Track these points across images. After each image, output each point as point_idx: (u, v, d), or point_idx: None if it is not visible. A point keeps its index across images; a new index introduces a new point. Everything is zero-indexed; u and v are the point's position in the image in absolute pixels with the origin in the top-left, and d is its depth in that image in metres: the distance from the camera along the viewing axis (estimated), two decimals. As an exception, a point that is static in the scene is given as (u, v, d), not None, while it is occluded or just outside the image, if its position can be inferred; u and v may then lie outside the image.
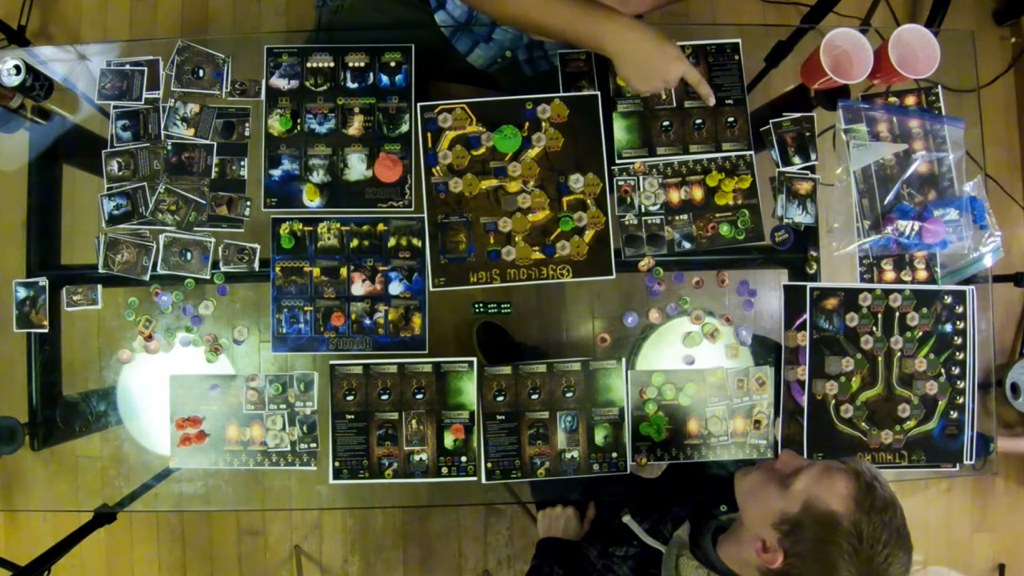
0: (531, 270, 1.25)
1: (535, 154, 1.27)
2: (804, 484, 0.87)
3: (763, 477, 0.93)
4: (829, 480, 0.85)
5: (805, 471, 0.88)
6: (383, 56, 1.29)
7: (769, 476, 0.92)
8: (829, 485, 0.84)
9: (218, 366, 1.26)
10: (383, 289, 1.25)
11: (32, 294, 1.27)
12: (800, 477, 0.88)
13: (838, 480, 0.84)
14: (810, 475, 0.87)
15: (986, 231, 1.29)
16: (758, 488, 0.93)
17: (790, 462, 0.93)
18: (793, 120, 1.30)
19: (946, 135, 1.30)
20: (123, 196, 1.27)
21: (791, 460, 0.93)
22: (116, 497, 1.26)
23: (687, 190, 1.28)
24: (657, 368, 1.25)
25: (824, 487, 0.85)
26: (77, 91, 1.31)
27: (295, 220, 1.25)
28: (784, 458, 0.94)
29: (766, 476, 0.93)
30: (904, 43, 1.22)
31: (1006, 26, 2.23)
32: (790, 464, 0.92)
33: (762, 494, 0.91)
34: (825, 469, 0.87)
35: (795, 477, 0.88)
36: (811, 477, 0.87)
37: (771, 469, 0.94)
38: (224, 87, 1.28)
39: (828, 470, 0.86)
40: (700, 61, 1.31)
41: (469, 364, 1.23)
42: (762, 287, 1.28)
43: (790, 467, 0.91)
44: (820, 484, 0.85)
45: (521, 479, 1.24)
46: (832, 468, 0.87)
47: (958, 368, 1.27)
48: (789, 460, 0.93)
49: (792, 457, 0.94)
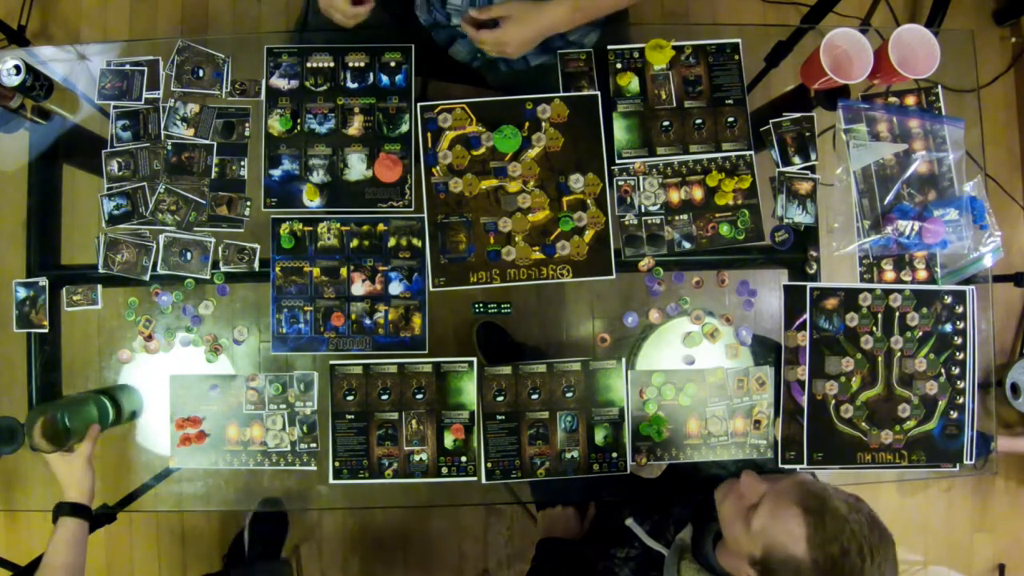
0: (531, 270, 1.25)
1: (535, 154, 1.27)
2: (759, 525, 0.85)
3: (731, 509, 0.91)
4: (781, 523, 0.83)
5: (759, 509, 0.86)
6: (383, 56, 1.29)
7: (736, 508, 0.90)
8: (782, 528, 0.83)
9: (218, 366, 1.26)
10: (383, 289, 1.25)
11: (32, 294, 1.27)
12: (755, 517, 0.86)
13: (788, 521, 0.82)
14: (762, 515, 0.85)
15: (986, 231, 1.29)
16: (727, 522, 0.92)
17: (749, 489, 0.90)
18: (793, 120, 1.30)
19: (946, 135, 1.30)
20: (123, 196, 1.27)
21: (750, 486, 0.91)
22: (116, 497, 1.26)
23: (687, 190, 1.28)
24: (657, 368, 1.25)
25: (778, 530, 0.83)
26: (77, 91, 1.31)
27: (295, 220, 1.25)
28: (745, 482, 0.92)
29: (733, 508, 0.91)
30: (904, 43, 1.22)
31: (1006, 26, 2.23)
32: (749, 490, 0.90)
33: (730, 529, 0.91)
34: (774, 507, 0.85)
35: (753, 513, 0.86)
36: (763, 517, 0.85)
37: (738, 496, 0.91)
38: (224, 87, 1.28)
39: (777, 509, 0.84)
40: (700, 61, 1.31)
41: (469, 364, 1.23)
42: (762, 287, 1.28)
43: (750, 495, 0.89)
44: (774, 526, 0.84)
45: (521, 479, 1.24)
46: (780, 505, 0.84)
47: (958, 368, 1.27)
48: (749, 485, 0.91)
49: (751, 483, 0.91)
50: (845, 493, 0.86)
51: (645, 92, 1.30)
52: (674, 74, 1.30)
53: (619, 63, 1.30)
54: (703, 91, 1.30)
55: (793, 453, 1.25)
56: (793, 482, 0.87)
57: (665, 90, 1.30)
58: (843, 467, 1.26)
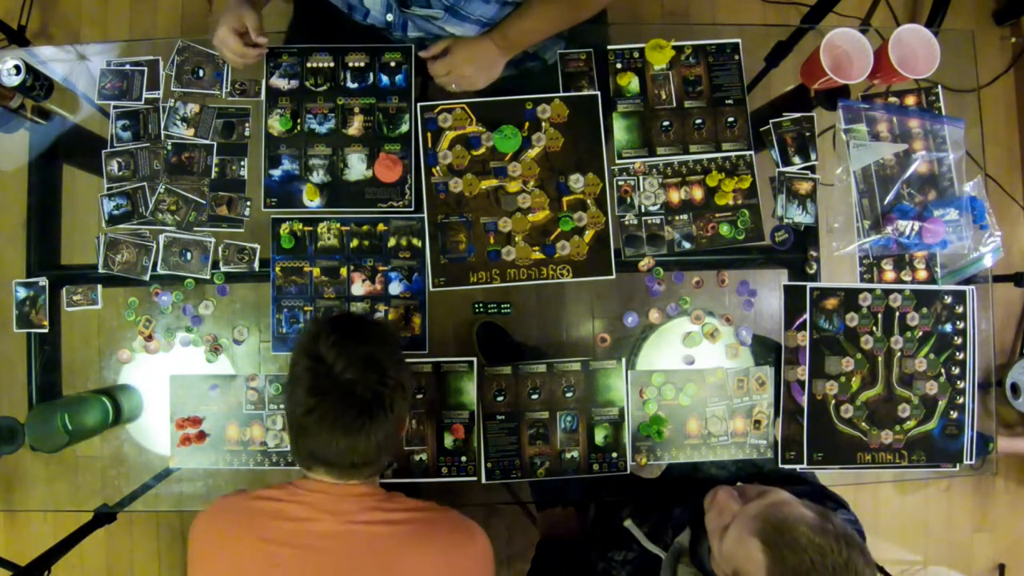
0: (531, 270, 1.25)
1: (535, 154, 1.27)
2: (726, 550, 0.85)
3: (711, 524, 0.91)
4: (744, 551, 0.82)
5: (727, 532, 0.86)
6: (383, 56, 1.29)
7: (714, 524, 0.90)
8: (745, 556, 0.82)
9: (218, 366, 1.26)
10: (383, 289, 1.25)
11: (32, 294, 1.27)
12: (724, 539, 0.86)
13: (751, 550, 0.81)
14: (729, 540, 0.85)
15: (986, 231, 1.29)
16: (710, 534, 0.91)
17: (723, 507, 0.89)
18: (793, 120, 1.30)
19: (946, 135, 1.30)
20: (123, 196, 1.27)
21: (724, 505, 0.90)
22: (116, 497, 1.26)
23: (687, 190, 1.28)
24: (657, 368, 1.25)
25: (742, 558, 0.82)
26: (77, 91, 1.31)
27: (295, 220, 1.25)
28: (719, 499, 0.91)
29: (713, 524, 0.90)
30: (904, 43, 1.22)
31: (1006, 26, 2.23)
32: (724, 509, 0.89)
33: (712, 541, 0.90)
34: (739, 534, 0.84)
35: (724, 534, 0.86)
36: (729, 542, 0.85)
37: (718, 512, 0.90)
38: (224, 87, 1.28)
39: (741, 536, 0.83)
40: (700, 61, 1.30)
41: (469, 364, 1.23)
42: (762, 287, 1.28)
43: (724, 513, 0.89)
44: (738, 553, 0.83)
45: (521, 479, 1.24)
46: (743, 533, 0.83)
47: (958, 368, 1.27)
48: (722, 504, 0.90)
49: (724, 501, 0.90)
50: (812, 513, 0.83)
51: (645, 92, 1.30)
52: (674, 74, 1.30)
53: (619, 63, 1.30)
54: (703, 91, 1.30)
55: (793, 453, 1.25)
56: (759, 508, 0.85)
57: (665, 90, 1.30)
58: (843, 467, 1.26)
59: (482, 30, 1.15)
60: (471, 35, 1.16)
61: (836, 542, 0.79)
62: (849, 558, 0.78)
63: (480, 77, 1.21)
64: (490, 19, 1.13)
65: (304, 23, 1.40)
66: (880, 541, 2.14)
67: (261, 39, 1.15)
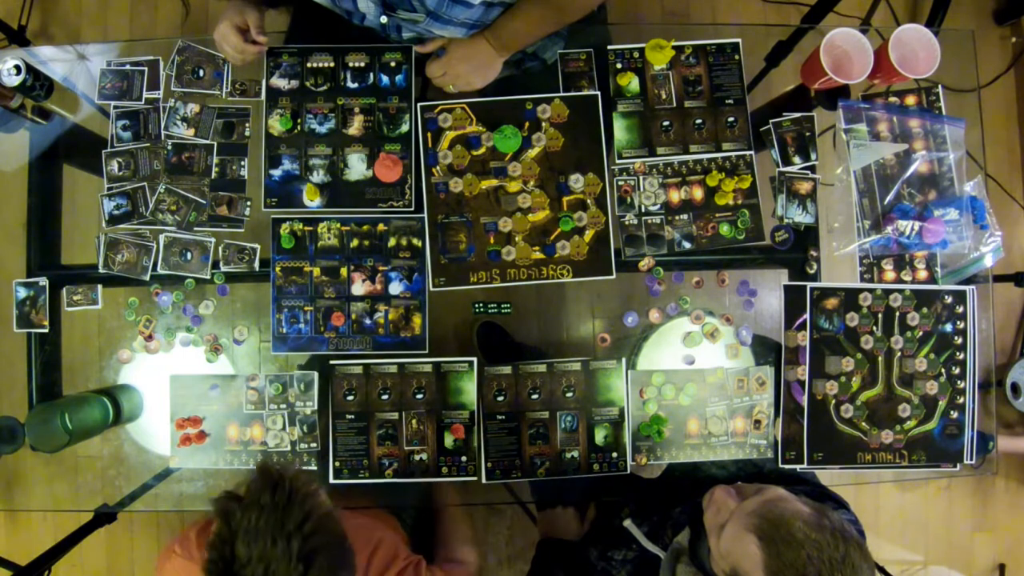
0: (531, 270, 1.25)
1: (535, 154, 1.27)
2: (724, 547, 0.85)
3: (709, 522, 0.91)
4: (741, 547, 0.82)
5: (725, 530, 0.86)
6: (383, 56, 1.29)
7: (713, 522, 0.90)
8: (742, 553, 0.82)
9: (218, 366, 1.26)
10: (383, 289, 1.25)
11: (32, 294, 1.27)
12: (721, 537, 0.86)
13: (748, 547, 0.81)
14: (726, 538, 0.85)
15: (986, 231, 1.29)
16: (708, 532, 0.91)
17: (720, 506, 0.89)
18: (793, 120, 1.30)
19: (946, 135, 1.30)
20: (123, 196, 1.27)
21: (721, 503, 0.90)
22: (116, 497, 1.26)
23: (687, 190, 1.28)
24: (657, 368, 1.25)
25: (739, 555, 0.82)
26: (77, 91, 1.31)
27: (295, 220, 1.25)
28: (717, 498, 0.91)
29: (711, 521, 0.91)
30: (904, 43, 1.22)
31: (1006, 26, 2.23)
32: (721, 507, 0.89)
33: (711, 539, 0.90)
34: (735, 531, 0.84)
35: (721, 532, 0.86)
36: (727, 540, 0.85)
37: (716, 511, 0.91)
38: (224, 87, 1.28)
39: (737, 533, 0.83)
40: (700, 61, 1.30)
41: (469, 364, 1.23)
42: (762, 287, 1.28)
43: (722, 511, 0.89)
44: (735, 550, 0.83)
45: (521, 479, 1.24)
46: (740, 530, 0.83)
47: (958, 368, 1.27)
48: (720, 502, 0.90)
49: (722, 499, 0.90)
50: (808, 509, 0.83)
51: (645, 92, 1.30)
52: (674, 74, 1.30)
53: (619, 63, 1.30)
54: (703, 91, 1.30)
55: (793, 453, 1.25)
56: (756, 504, 0.85)
57: (665, 90, 1.30)
58: (843, 467, 1.26)
59: (470, 32, 1.15)
60: (460, 36, 1.16)
61: (833, 537, 0.78)
62: (846, 553, 0.77)
63: (476, 76, 1.21)
64: (476, 21, 1.13)
65: (304, 24, 1.40)
66: (880, 541, 2.14)
67: (261, 37, 1.16)
